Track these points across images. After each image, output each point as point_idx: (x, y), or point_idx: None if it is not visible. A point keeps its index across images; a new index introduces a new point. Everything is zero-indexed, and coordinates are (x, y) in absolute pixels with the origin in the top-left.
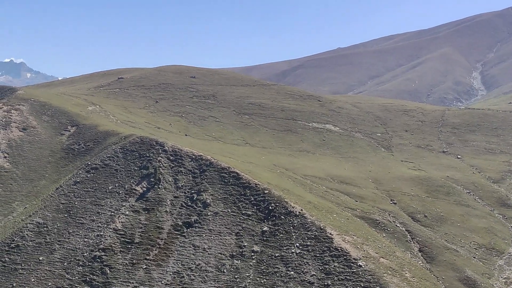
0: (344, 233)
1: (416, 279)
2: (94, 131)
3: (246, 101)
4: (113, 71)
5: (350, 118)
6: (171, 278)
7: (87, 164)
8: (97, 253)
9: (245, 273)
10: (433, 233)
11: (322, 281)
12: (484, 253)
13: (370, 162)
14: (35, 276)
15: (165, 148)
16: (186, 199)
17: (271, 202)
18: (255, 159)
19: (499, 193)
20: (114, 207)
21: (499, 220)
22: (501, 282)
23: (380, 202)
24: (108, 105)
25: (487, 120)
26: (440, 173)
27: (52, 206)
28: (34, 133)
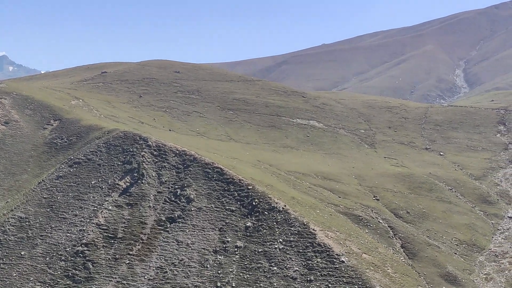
0: (327, 229)
1: (398, 275)
2: (77, 126)
3: (231, 96)
4: (96, 65)
5: (334, 114)
6: (154, 273)
7: (70, 158)
8: (80, 248)
9: (228, 269)
10: (415, 229)
11: (305, 277)
12: (465, 249)
13: (354, 159)
14: (16, 271)
15: (148, 143)
16: (169, 194)
17: (255, 198)
18: (239, 155)
19: (480, 190)
20: (97, 202)
21: (480, 216)
22: (482, 278)
23: (363, 198)
24: (91, 99)
25: (470, 118)
26: (423, 169)
27: (34, 200)
28: (16, 127)
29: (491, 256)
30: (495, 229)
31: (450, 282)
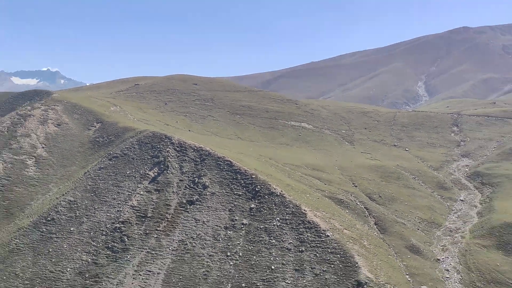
0: (315, 210)
1: (372, 246)
2: (115, 127)
3: (238, 103)
4: (130, 79)
5: (321, 118)
6: (176, 245)
7: (109, 153)
8: (117, 225)
9: (236, 241)
10: (386, 210)
11: (297, 248)
12: (426, 226)
13: (336, 153)
14: (67, 243)
15: (172, 141)
16: (189, 182)
17: (257, 185)
18: (244, 150)
19: (438, 178)
20: (131, 188)
21: (438, 199)
22: (439, 249)
23: (344, 185)
24: (127, 106)
25: (429, 120)
26: (392, 162)
27: (81, 187)
28: (66, 128)
29: (446, 231)
30: (450, 209)
31: (414, 252)
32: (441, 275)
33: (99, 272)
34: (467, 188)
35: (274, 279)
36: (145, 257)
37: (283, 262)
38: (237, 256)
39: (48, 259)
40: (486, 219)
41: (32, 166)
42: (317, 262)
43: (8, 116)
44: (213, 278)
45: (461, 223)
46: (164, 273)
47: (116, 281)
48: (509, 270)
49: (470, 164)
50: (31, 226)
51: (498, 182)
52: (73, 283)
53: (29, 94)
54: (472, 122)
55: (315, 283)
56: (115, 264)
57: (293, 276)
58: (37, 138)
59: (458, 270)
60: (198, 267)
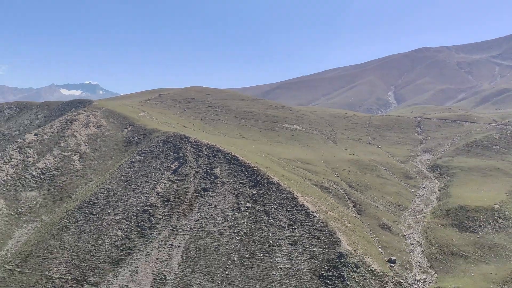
0: (305, 195)
1: (351, 225)
2: (144, 129)
3: (243, 110)
4: (156, 90)
5: (309, 121)
6: (193, 224)
7: (139, 150)
8: (146, 207)
9: (241, 221)
10: (362, 195)
11: (291, 226)
12: (395, 208)
13: (322, 150)
14: (105, 223)
15: (190, 140)
16: (203, 173)
17: (258, 175)
18: (248, 148)
19: (404, 170)
20: (156, 178)
21: (404, 187)
22: (405, 227)
23: (328, 175)
24: (153, 112)
25: (398, 123)
26: (367, 157)
27: (116, 177)
28: (104, 130)
29: (411, 212)
30: (414, 195)
31: (385, 229)
32: (407, 248)
33: (131, 245)
34: (428, 178)
35: (272, 251)
36: (168, 234)
37: (279, 237)
38: (242, 233)
39: (90, 235)
40: (444, 203)
41: (77, 161)
42: (307, 237)
43: (58, 120)
44: (223, 250)
45: (423, 206)
46: (183, 246)
47: (145, 253)
48: (462, 243)
49: (430, 158)
50: (77, 208)
51: (453, 172)
52: (111, 254)
53: (74, 103)
54: (432, 124)
55: (305, 254)
56: (144, 239)
57: (287, 249)
58: (81, 138)
59: (420, 244)
60: (211, 241)
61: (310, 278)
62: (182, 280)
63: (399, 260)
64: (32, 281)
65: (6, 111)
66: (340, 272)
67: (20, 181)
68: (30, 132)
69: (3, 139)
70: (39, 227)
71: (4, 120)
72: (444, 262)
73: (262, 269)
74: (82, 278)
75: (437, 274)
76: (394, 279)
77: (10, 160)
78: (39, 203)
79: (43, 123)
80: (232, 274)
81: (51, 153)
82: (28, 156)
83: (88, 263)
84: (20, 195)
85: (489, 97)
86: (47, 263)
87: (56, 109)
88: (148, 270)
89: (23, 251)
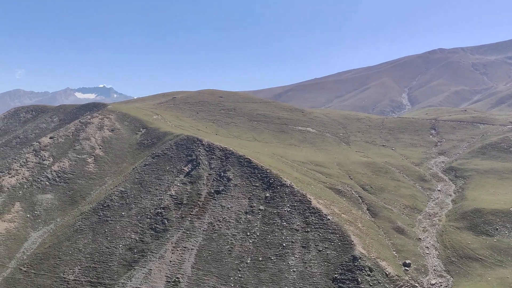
0: (318, 198)
1: (365, 228)
2: (157, 132)
3: (255, 112)
4: (169, 93)
5: (322, 123)
6: (206, 226)
7: (152, 153)
8: (159, 210)
9: (254, 223)
10: (376, 198)
11: (304, 229)
12: (409, 211)
13: (335, 152)
14: (119, 225)
15: (203, 143)
16: (216, 176)
17: (271, 178)
18: (260, 150)
19: (419, 172)
20: (170, 180)
21: (419, 190)
22: (420, 230)
23: (342, 178)
24: (166, 115)
25: (412, 125)
26: (381, 159)
27: (130, 180)
28: (118, 133)
29: (426, 215)
30: (429, 198)
31: (399, 232)
32: (422, 251)
33: (144, 248)
34: (443, 180)
35: (285, 254)
36: (181, 236)
37: (292, 240)
38: (255, 235)
39: (104, 237)
40: (459, 206)
41: (91, 163)
42: (320, 240)
43: (72, 124)
44: (236, 253)
45: (439, 209)
46: (196, 249)
47: (158, 255)
48: (478, 247)
49: (445, 160)
50: (91, 211)
51: (469, 175)
52: (124, 256)
53: (89, 106)
54: (447, 126)
55: (318, 258)
56: (157, 241)
57: (301, 252)
58: (95, 141)
59: (436, 247)
60: (224, 244)
61: (323, 282)
62: (196, 283)
63: (414, 264)
64: (47, 283)
65: (22, 115)
66: (354, 276)
67: (36, 183)
68: (45, 135)
69: (19, 142)
70: (54, 229)
71: (20, 124)
72: (460, 266)
73: (275, 272)
74: (97, 280)
75: (453, 278)
76: (409, 283)
77: (26, 163)
78: (54, 205)
79: (58, 126)
80: (245, 277)
81: (66, 156)
82: (44, 159)
83: (102, 265)
84: (36, 197)
85: (505, 99)
86: (62, 265)
87: (71, 112)
88: (162, 273)
89: (39, 253)
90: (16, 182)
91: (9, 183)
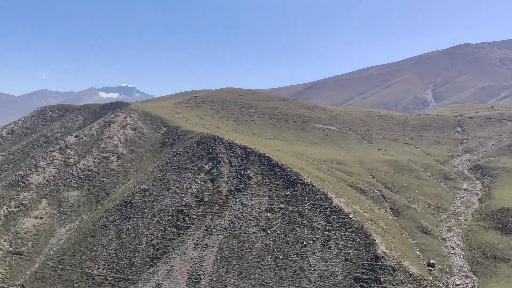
0: (340, 196)
1: (387, 227)
2: (178, 130)
3: (275, 110)
4: (190, 92)
5: (344, 121)
6: (227, 224)
7: (174, 151)
8: (181, 207)
9: (274, 222)
10: (399, 197)
11: (325, 227)
12: (433, 210)
13: (357, 150)
14: (142, 222)
15: (223, 141)
16: (236, 174)
17: (291, 176)
18: (281, 148)
19: (444, 170)
20: (191, 178)
21: (444, 188)
22: (445, 229)
23: (363, 176)
24: (187, 113)
25: (436, 122)
26: (404, 157)
27: (152, 177)
28: (141, 132)
29: (451, 215)
30: (454, 197)
31: (423, 232)
32: (447, 251)
33: (166, 244)
34: (469, 179)
35: (305, 253)
36: (202, 234)
37: (313, 239)
38: (275, 234)
39: (127, 234)
40: (486, 205)
41: (115, 161)
42: (341, 239)
43: (96, 123)
44: (256, 251)
45: (464, 208)
46: (217, 246)
47: (180, 252)
48: (506, 247)
49: (471, 158)
50: (115, 208)
51: (496, 173)
52: (147, 253)
53: (112, 105)
54: (473, 123)
55: (340, 257)
56: (179, 238)
57: (322, 251)
58: (118, 140)
59: (461, 247)
60: (244, 242)
61: (345, 281)
62: (217, 280)
63: (438, 264)
64: (73, 278)
65: (48, 114)
66: (377, 275)
67: (62, 181)
68: (71, 134)
69: (46, 141)
70: (80, 225)
71: (47, 123)
72: (486, 266)
73: (296, 270)
74: (120, 275)
75: (479, 278)
76: (433, 283)
77: (52, 161)
78: (79, 202)
79: (83, 125)
80: (265, 275)
81: (91, 154)
82: (69, 157)
83: (125, 261)
84: (62, 194)
85: None
86: (87, 260)
87: (95, 111)
88: (183, 269)
89: (65, 248)
90: (43, 179)
91: (37, 180)
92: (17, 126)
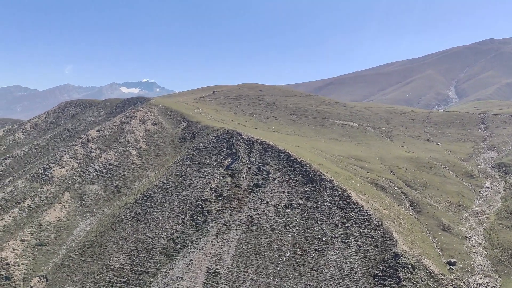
0: (359, 193)
1: (408, 224)
2: (198, 125)
3: (295, 106)
4: (210, 87)
5: (364, 117)
6: (246, 219)
7: (193, 146)
8: (200, 202)
9: (293, 217)
10: (420, 194)
11: (344, 224)
12: (455, 208)
13: (377, 147)
14: (162, 216)
15: (242, 136)
16: (255, 169)
17: (311, 172)
18: (300, 144)
19: (466, 168)
20: (210, 173)
21: (466, 186)
22: (466, 228)
23: (383, 173)
24: (207, 109)
25: (459, 119)
26: (425, 154)
27: (172, 172)
28: (161, 127)
29: (473, 213)
30: (477, 195)
31: (444, 230)
32: (468, 250)
33: (186, 238)
34: (492, 177)
35: (324, 249)
36: (221, 228)
37: (332, 235)
38: (294, 229)
39: (147, 227)
40: (510, 204)
41: (135, 156)
42: (361, 236)
43: (118, 117)
44: (275, 246)
45: (487, 207)
46: (236, 241)
47: (199, 246)
48: None
49: (495, 156)
50: (135, 202)
51: None
52: (166, 246)
53: (133, 100)
54: (497, 120)
55: (359, 254)
56: (198, 233)
57: (341, 247)
58: (139, 134)
59: (483, 246)
60: (263, 237)
61: (364, 278)
62: (235, 275)
63: (459, 263)
64: (95, 269)
65: (71, 109)
66: (396, 273)
67: (84, 174)
68: (93, 128)
69: (68, 135)
70: (101, 218)
71: (69, 117)
72: (509, 266)
73: (314, 266)
74: (140, 268)
75: (501, 278)
76: (454, 282)
77: (75, 155)
78: (101, 195)
79: (104, 119)
80: (284, 270)
81: (112, 148)
82: (91, 151)
83: (145, 254)
84: (84, 188)
85: None
86: (108, 253)
87: (116, 106)
88: (202, 263)
89: (87, 241)
90: (66, 173)
91: (59, 173)
92: (41, 120)
